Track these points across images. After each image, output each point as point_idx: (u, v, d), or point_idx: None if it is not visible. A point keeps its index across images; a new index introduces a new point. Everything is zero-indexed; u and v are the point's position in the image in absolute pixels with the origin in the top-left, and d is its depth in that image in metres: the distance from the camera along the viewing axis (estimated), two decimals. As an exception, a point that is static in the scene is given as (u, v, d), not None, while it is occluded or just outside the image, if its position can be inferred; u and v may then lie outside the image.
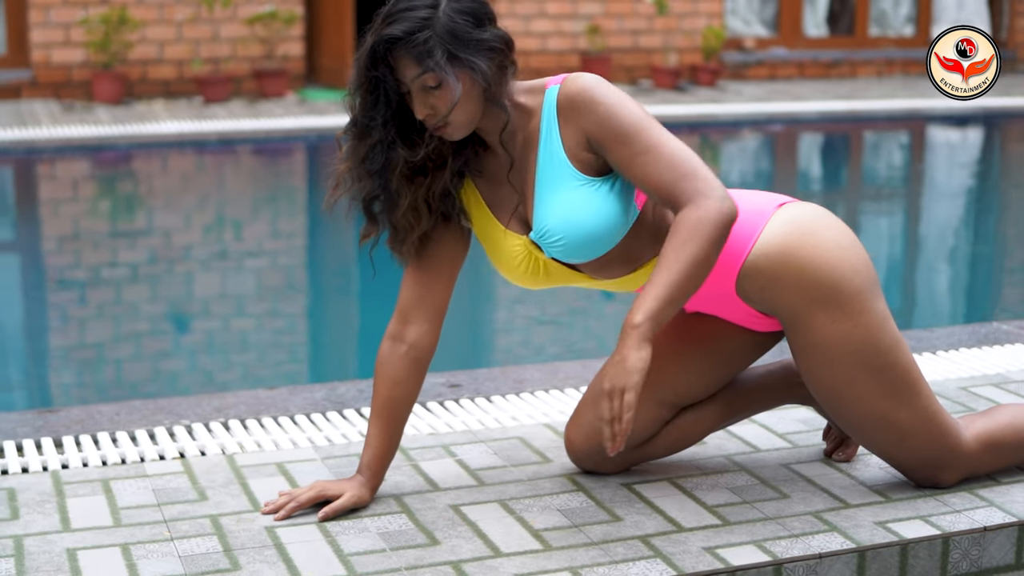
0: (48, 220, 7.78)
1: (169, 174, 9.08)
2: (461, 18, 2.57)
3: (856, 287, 2.73)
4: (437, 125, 2.61)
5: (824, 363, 2.75)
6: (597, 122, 2.59)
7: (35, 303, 5.97)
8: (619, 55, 12.54)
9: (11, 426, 3.34)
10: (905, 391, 2.78)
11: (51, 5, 10.81)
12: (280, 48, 11.34)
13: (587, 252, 2.68)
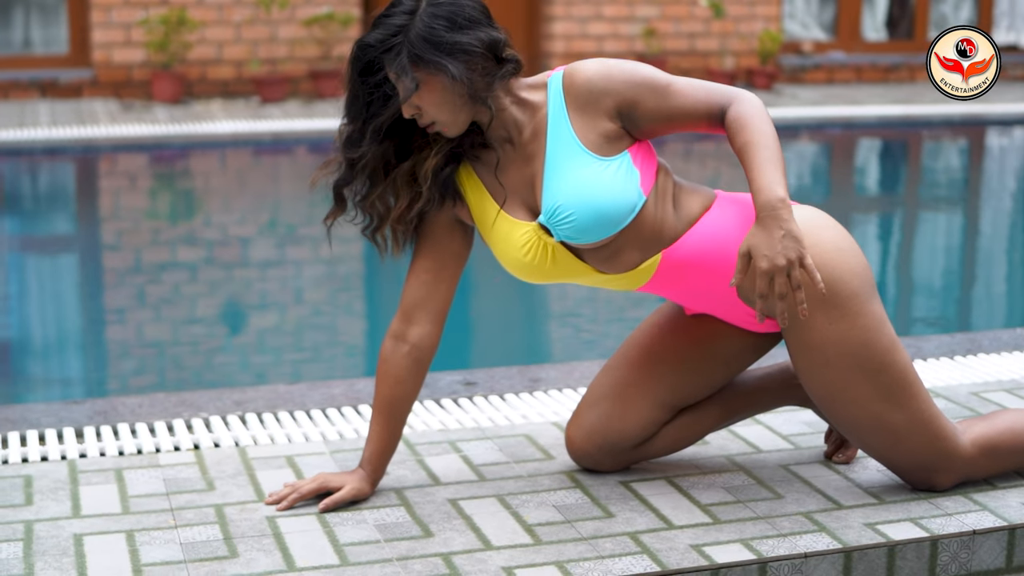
0: (99, 216, 7.94)
1: (222, 173, 9.23)
2: (436, 22, 2.66)
3: (853, 289, 2.76)
4: (426, 125, 2.72)
5: (820, 364, 2.79)
6: (625, 88, 2.71)
7: (86, 297, 6.10)
8: (675, 58, 12.56)
9: (36, 416, 3.45)
10: (901, 394, 2.82)
11: (112, 5, 11.00)
12: (337, 49, 11.47)
13: (597, 230, 2.72)
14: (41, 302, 5.86)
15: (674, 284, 2.84)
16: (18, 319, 5.45)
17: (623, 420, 2.98)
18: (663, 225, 2.78)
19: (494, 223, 2.81)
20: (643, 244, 2.78)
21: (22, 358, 5.04)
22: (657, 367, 2.98)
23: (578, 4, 12.31)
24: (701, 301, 2.90)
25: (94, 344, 5.30)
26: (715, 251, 2.79)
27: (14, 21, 11.19)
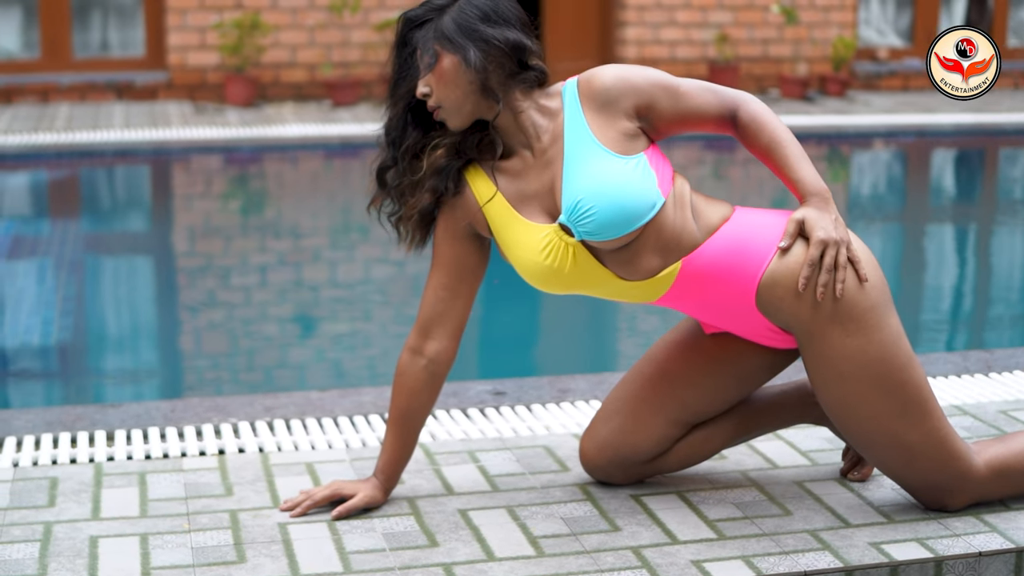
0: (164, 218, 8.07)
1: (290, 177, 9.34)
2: (471, 11, 2.79)
3: (872, 302, 2.78)
4: (433, 107, 2.80)
5: (837, 378, 2.80)
6: (642, 89, 2.82)
7: (150, 299, 6.21)
8: (748, 64, 12.52)
9: (71, 419, 3.54)
10: (916, 411, 2.82)
11: (187, 9, 11.18)
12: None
13: (618, 225, 2.74)
14: (102, 303, 5.98)
15: (693, 295, 2.85)
16: (77, 320, 5.57)
17: (636, 435, 3.00)
18: (682, 231, 2.80)
19: (514, 230, 2.84)
20: (663, 249, 2.80)
21: (80, 359, 5.14)
22: (671, 384, 3.00)
23: (651, 10, 12.31)
24: (720, 315, 2.90)
25: (154, 347, 5.40)
26: (736, 261, 2.80)
27: (92, 24, 11.40)
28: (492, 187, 2.86)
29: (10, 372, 4.85)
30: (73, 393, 4.68)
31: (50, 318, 5.46)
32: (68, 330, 5.36)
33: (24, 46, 11.21)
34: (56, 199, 8.44)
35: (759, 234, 2.82)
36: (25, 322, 5.42)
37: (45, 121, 9.93)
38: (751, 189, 8.93)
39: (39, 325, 5.38)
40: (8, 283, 5.98)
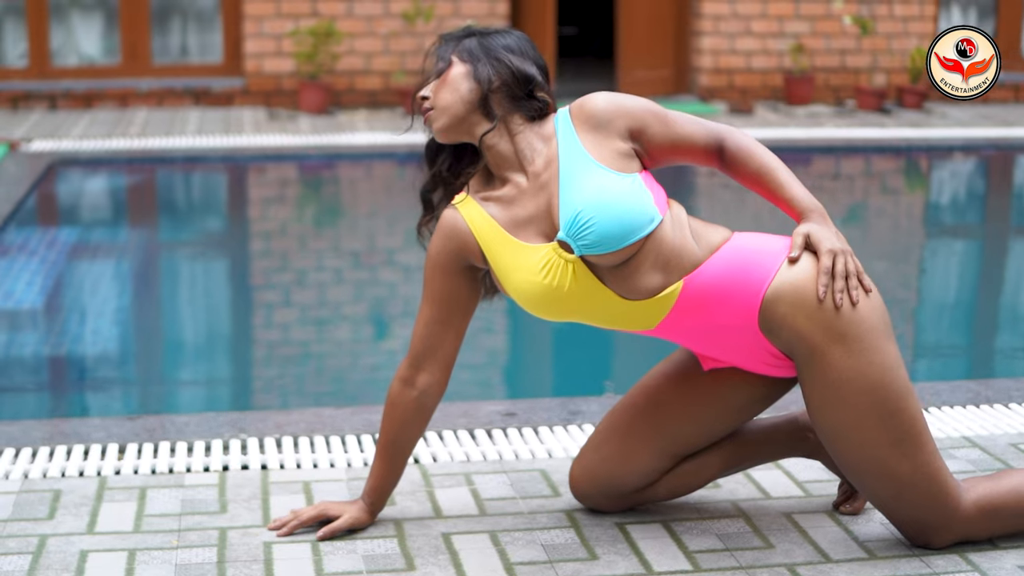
0: (225, 224, 8.21)
1: (358, 184, 9.44)
2: (499, 40, 2.94)
3: (872, 323, 2.79)
4: (425, 109, 2.90)
5: (834, 401, 2.80)
6: (634, 113, 2.88)
7: (210, 306, 6.31)
8: (824, 74, 12.43)
9: (88, 430, 3.64)
10: (909, 442, 2.81)
11: (264, 16, 11.34)
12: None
13: (616, 237, 2.77)
14: (158, 312, 6.10)
15: (695, 318, 2.85)
16: (124, 328, 5.68)
17: (624, 466, 3.03)
18: (683, 249, 2.83)
19: (511, 255, 2.86)
20: (664, 265, 2.81)
21: (129, 367, 5.24)
22: (662, 416, 3.01)
23: (727, 19, 12.27)
24: (721, 340, 2.89)
25: (212, 357, 5.46)
26: (738, 279, 2.82)
27: (171, 29, 11.61)
28: (484, 215, 2.90)
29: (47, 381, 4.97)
30: (113, 402, 4.77)
31: (100, 326, 5.59)
32: (114, 339, 5.47)
33: (105, 52, 11.44)
34: (123, 205, 8.61)
35: (760, 252, 2.85)
36: (74, 328, 5.54)
37: (121, 126, 10.13)
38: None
39: (85, 332, 5.51)
40: (61, 289, 6.12)
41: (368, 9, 11.59)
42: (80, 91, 11.04)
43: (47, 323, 5.57)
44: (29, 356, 5.18)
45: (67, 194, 8.54)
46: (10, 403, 4.61)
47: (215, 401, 4.83)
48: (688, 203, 3.47)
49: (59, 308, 5.78)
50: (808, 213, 2.87)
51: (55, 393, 4.83)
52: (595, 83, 12.90)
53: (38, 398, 4.76)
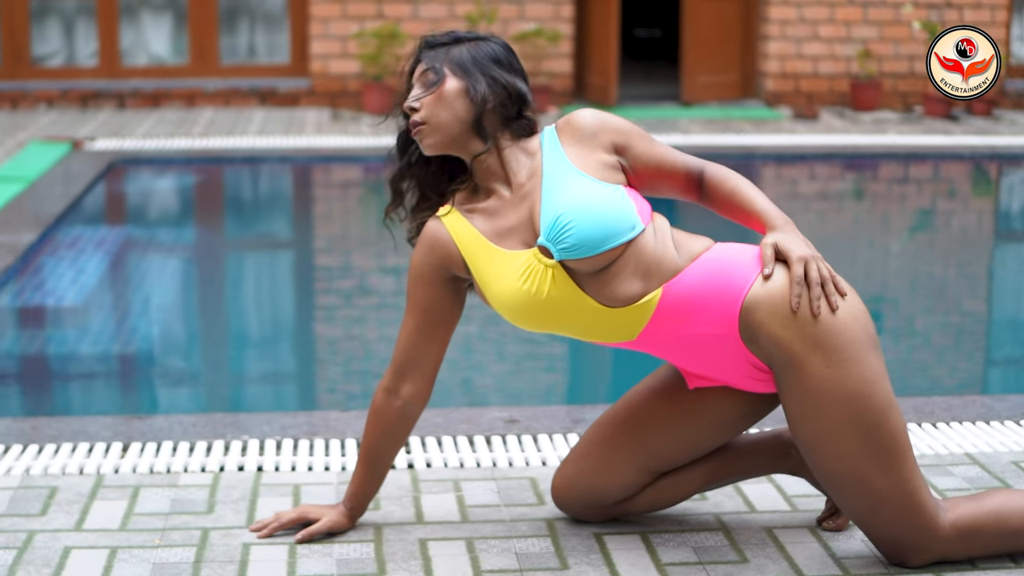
0: (281, 224, 8.31)
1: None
2: (487, 50, 2.95)
3: (854, 334, 2.78)
4: (416, 122, 2.89)
5: (813, 410, 2.79)
6: (619, 128, 2.92)
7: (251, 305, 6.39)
8: (892, 80, 12.31)
9: (96, 429, 3.73)
10: (888, 457, 2.80)
11: (330, 18, 11.46)
12: (545, 65, 11.66)
13: (595, 241, 2.79)
14: (205, 307, 6.19)
15: (675, 327, 2.86)
16: (157, 327, 5.77)
17: (603, 479, 3.05)
18: (663, 258, 2.84)
19: (492, 264, 2.89)
20: (643, 273, 2.83)
21: (149, 366, 5.32)
22: (643, 432, 3.03)
23: (794, 24, 12.20)
24: (701, 352, 2.89)
25: (275, 355, 5.51)
26: (717, 286, 2.83)
27: (240, 30, 11.76)
28: (467, 225, 2.93)
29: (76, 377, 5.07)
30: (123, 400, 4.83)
31: (129, 325, 5.69)
32: (140, 337, 5.56)
33: (173, 52, 11.62)
34: (176, 204, 8.74)
35: (740, 260, 2.86)
36: (105, 327, 5.65)
37: (185, 126, 10.29)
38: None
39: (115, 330, 5.61)
40: (100, 287, 6.23)
41: (433, 11, 11.67)
42: (148, 90, 11.22)
43: (78, 320, 5.69)
44: (58, 352, 5.28)
45: (122, 193, 8.68)
46: (23, 399, 4.71)
47: (242, 400, 4.90)
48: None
49: (93, 306, 5.89)
50: (775, 223, 2.89)
51: (69, 389, 4.93)
52: (659, 87, 12.89)
53: (52, 394, 4.86)
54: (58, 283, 6.12)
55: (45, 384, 4.93)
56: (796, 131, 10.62)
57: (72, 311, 5.78)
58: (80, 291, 6.04)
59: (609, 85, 11.75)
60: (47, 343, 5.41)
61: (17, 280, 5.86)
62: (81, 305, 5.86)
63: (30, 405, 4.52)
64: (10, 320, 5.53)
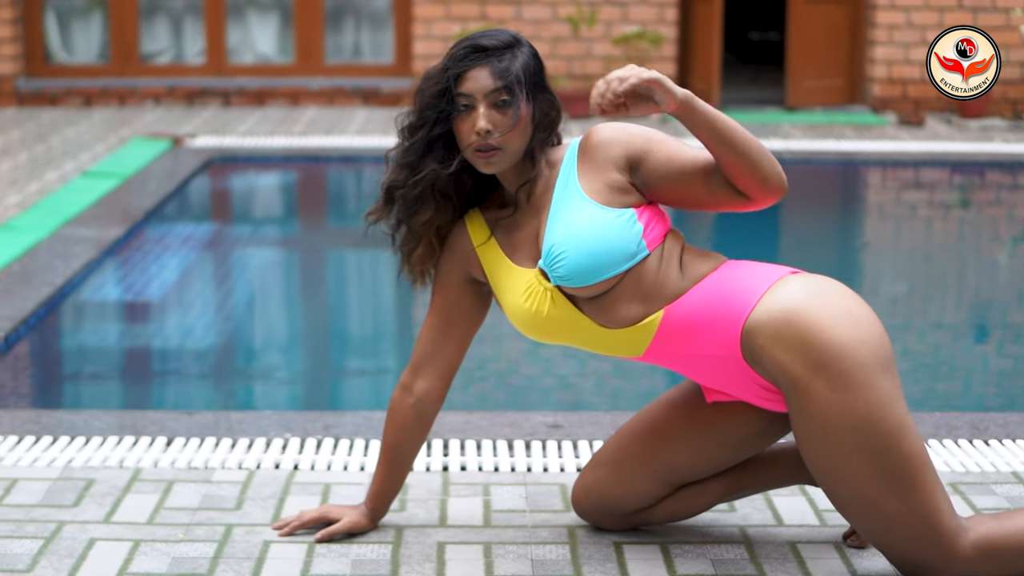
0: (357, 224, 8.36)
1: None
2: (536, 63, 2.89)
3: (861, 359, 2.73)
4: (490, 145, 2.81)
5: (819, 435, 2.75)
6: (636, 139, 2.83)
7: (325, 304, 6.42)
8: (1001, 87, 12.03)
9: (143, 423, 3.81)
10: (901, 482, 2.75)
11: (433, 19, 11.53)
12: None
13: (587, 273, 2.78)
14: (261, 306, 6.26)
15: (678, 347, 2.85)
16: (240, 322, 5.85)
17: (620, 488, 3.04)
18: (666, 282, 2.83)
19: (503, 275, 2.93)
20: (643, 298, 2.82)
21: (215, 362, 5.37)
22: (660, 444, 3.01)
23: (902, 29, 12.00)
24: (710, 371, 2.89)
25: (311, 354, 5.55)
26: (719, 308, 2.81)
27: (345, 29, 11.89)
28: (487, 232, 2.95)
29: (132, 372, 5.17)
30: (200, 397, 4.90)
31: (207, 321, 5.78)
32: (211, 334, 5.64)
33: (279, 50, 11.78)
34: (266, 202, 8.86)
35: (744, 281, 2.83)
36: (177, 322, 5.75)
37: (286, 124, 10.42)
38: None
39: (186, 326, 5.70)
40: (178, 284, 6.34)
41: (536, 13, 11.69)
42: (253, 89, 11.40)
43: (148, 316, 5.79)
44: (119, 346, 5.39)
45: (215, 190, 8.80)
46: (79, 391, 4.81)
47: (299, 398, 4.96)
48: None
49: (166, 302, 5.99)
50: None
51: (125, 384, 5.02)
52: (764, 91, 12.77)
53: (110, 388, 4.95)
54: (137, 278, 6.25)
55: (103, 377, 5.03)
56: (899, 138, 10.44)
57: (144, 307, 5.90)
58: (157, 287, 6.16)
59: (711, 89, 11.66)
60: (112, 337, 5.51)
61: (98, 274, 5.99)
62: (154, 301, 5.97)
63: (86, 397, 4.62)
64: (81, 313, 5.62)
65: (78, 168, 8.21)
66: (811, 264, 3.08)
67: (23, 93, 11.10)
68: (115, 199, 7.28)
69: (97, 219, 6.73)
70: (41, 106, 11.08)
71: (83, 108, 11.05)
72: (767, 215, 7.76)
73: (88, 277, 5.84)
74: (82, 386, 4.73)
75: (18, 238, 6.17)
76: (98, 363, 5.10)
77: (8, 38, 11.05)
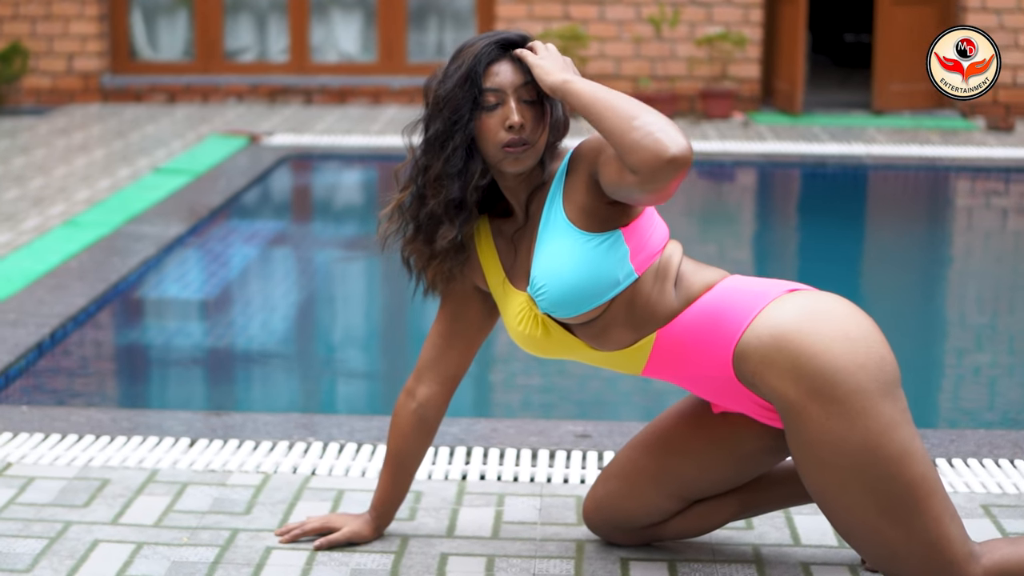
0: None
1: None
2: None
3: (858, 384, 2.63)
4: (523, 140, 2.70)
5: (816, 462, 2.67)
6: (597, 146, 2.68)
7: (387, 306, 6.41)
8: (1099, 93, 11.73)
9: (171, 424, 3.81)
10: (904, 510, 2.66)
11: (516, 18, 11.49)
12: (733, 70, 11.48)
13: (570, 305, 2.72)
14: (309, 308, 6.26)
15: (674, 367, 2.81)
16: (277, 325, 5.86)
17: (629, 502, 2.97)
18: (658, 303, 2.75)
19: (500, 293, 2.89)
20: (635, 323, 2.76)
21: (259, 364, 5.33)
22: (671, 458, 2.94)
23: (994, 32, 11.71)
24: (710, 389, 2.83)
25: (350, 356, 5.54)
26: (710, 331, 2.73)
27: (428, 28, 11.89)
28: (492, 245, 2.91)
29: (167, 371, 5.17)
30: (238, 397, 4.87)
31: (260, 321, 5.79)
32: (271, 334, 5.65)
33: (362, 49, 11.81)
34: (333, 200, 8.87)
35: (737, 303, 2.74)
36: (230, 322, 5.76)
37: (365, 123, 10.43)
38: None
39: (244, 326, 5.71)
40: (231, 283, 6.36)
41: (619, 13, 11.60)
42: (335, 87, 11.44)
43: (191, 315, 5.81)
44: (165, 346, 5.40)
45: (285, 188, 8.83)
46: (120, 390, 4.83)
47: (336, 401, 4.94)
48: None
49: (216, 301, 5.99)
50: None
51: (161, 383, 5.04)
52: (852, 94, 12.57)
53: (147, 387, 4.97)
54: (192, 277, 6.28)
55: (138, 376, 5.05)
56: (987, 143, 10.20)
57: (192, 305, 5.92)
58: (209, 286, 6.18)
59: (795, 91, 11.49)
60: (155, 335, 5.52)
61: (155, 272, 6.02)
62: (203, 300, 5.99)
63: (119, 396, 4.64)
64: (130, 310, 5.63)
65: (152, 165, 8.29)
66: (891, 273, 2.98)
67: (108, 89, 11.24)
68: (183, 196, 7.33)
69: (161, 216, 6.78)
70: (125, 102, 11.22)
71: (166, 105, 11.17)
72: (844, 220, 7.59)
73: (144, 275, 5.88)
74: (116, 384, 4.75)
75: (81, 234, 6.24)
76: (136, 362, 5.13)
77: (94, 35, 11.20)
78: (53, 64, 11.26)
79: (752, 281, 2.80)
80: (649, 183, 2.52)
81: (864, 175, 9.21)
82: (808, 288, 2.82)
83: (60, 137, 9.46)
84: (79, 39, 11.24)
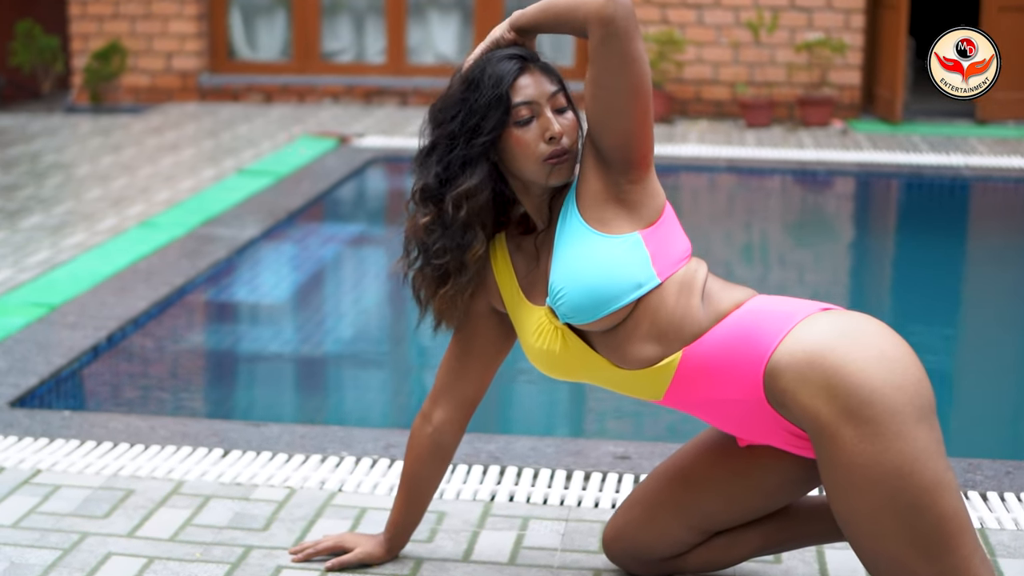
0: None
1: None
2: None
3: (894, 405, 2.51)
4: (564, 150, 2.67)
5: (846, 486, 2.55)
6: (588, 140, 2.68)
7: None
8: None
9: (207, 433, 3.79)
10: (934, 544, 2.54)
11: (612, 23, 11.39)
12: (833, 76, 11.27)
13: (590, 308, 2.65)
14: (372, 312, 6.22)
15: (699, 391, 2.69)
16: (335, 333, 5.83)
17: (650, 534, 2.89)
18: (684, 318, 2.66)
19: (518, 311, 2.82)
20: (659, 336, 2.66)
21: (309, 373, 5.33)
22: (692, 490, 2.85)
23: (1107, 40, 11.39)
24: (734, 416, 2.73)
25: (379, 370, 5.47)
26: (740, 349, 2.62)
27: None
28: (508, 262, 2.84)
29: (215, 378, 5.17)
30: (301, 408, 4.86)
31: (317, 328, 5.78)
32: (329, 343, 5.63)
33: (459, 51, 11.79)
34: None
35: (768, 321, 2.64)
36: (287, 330, 5.75)
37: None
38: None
39: (299, 334, 5.70)
40: (299, 286, 6.36)
41: (718, 17, 11.45)
42: (430, 89, 11.43)
43: (259, 322, 5.80)
44: (219, 352, 5.41)
45: (369, 190, 8.82)
46: (166, 397, 4.83)
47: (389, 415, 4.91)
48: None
49: (284, 308, 5.98)
50: None
51: (204, 392, 5.03)
52: (956, 103, 12.27)
53: (190, 396, 4.96)
54: (259, 281, 6.27)
55: (186, 383, 5.04)
56: (1093, 157, 9.89)
57: (253, 310, 5.91)
58: (273, 291, 6.17)
59: (895, 99, 11.25)
60: (211, 341, 5.51)
61: (227, 274, 6.04)
62: (264, 305, 5.98)
63: (164, 403, 4.63)
64: (191, 314, 5.63)
65: (237, 165, 8.34)
66: (983, 290, 2.89)
67: (206, 88, 11.36)
68: (263, 198, 7.35)
69: (238, 218, 6.80)
70: (223, 101, 11.33)
71: (263, 104, 11.26)
72: (936, 232, 7.36)
73: (212, 278, 5.89)
74: (163, 391, 4.75)
75: (154, 235, 6.28)
76: (185, 368, 5.13)
77: (193, 34, 11.33)
78: (152, 63, 11.41)
79: (782, 300, 2.70)
80: (602, 25, 2.56)
81: (962, 186, 8.98)
82: (839, 308, 2.72)
83: (152, 136, 9.57)
84: (178, 38, 11.37)
